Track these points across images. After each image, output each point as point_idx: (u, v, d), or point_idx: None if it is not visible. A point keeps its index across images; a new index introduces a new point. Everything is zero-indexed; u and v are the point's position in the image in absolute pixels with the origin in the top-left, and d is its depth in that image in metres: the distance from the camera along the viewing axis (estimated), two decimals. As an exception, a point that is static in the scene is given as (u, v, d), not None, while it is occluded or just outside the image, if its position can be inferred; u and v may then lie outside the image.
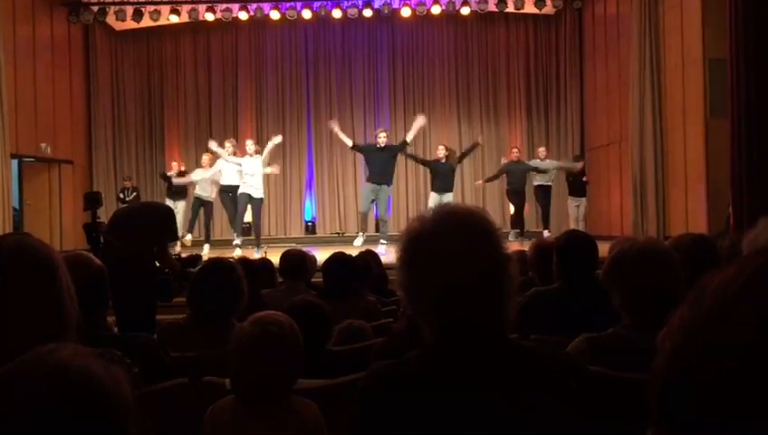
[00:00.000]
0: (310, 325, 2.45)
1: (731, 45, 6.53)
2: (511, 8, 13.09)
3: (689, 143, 10.10)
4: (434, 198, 10.81)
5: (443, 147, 11.34)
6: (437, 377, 1.27)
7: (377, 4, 13.03)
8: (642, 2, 10.90)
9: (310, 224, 14.73)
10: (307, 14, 13.15)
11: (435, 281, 1.28)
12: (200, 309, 3.04)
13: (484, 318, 1.29)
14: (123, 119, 14.50)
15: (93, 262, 2.50)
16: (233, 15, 13.09)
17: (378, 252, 6.55)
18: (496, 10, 13.22)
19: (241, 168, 10.35)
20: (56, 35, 12.69)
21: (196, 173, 11.37)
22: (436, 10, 13.02)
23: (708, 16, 9.35)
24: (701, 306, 0.69)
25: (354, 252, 5.26)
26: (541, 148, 12.71)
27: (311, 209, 14.85)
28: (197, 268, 3.44)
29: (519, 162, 12.05)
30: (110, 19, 13.19)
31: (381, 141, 10.34)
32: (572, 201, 12.20)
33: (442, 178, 10.90)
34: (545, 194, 12.23)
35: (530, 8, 13.16)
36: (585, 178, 12.18)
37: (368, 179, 10.54)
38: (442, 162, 11.04)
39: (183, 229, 10.66)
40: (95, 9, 12.80)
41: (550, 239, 5.69)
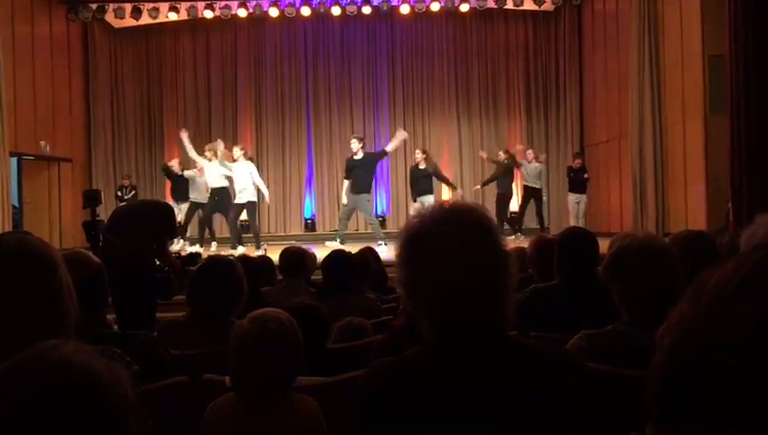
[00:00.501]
0: (308, 328, 2.45)
1: (730, 42, 6.52)
2: (510, 5, 13.08)
3: (689, 140, 10.10)
4: (414, 206, 10.91)
5: (419, 151, 11.44)
6: (437, 374, 1.28)
7: (375, 1, 13.00)
8: (641, -2, 10.91)
9: (309, 221, 14.73)
10: (306, 12, 13.13)
11: (434, 278, 1.28)
12: (200, 307, 3.04)
13: (483, 315, 1.29)
14: (122, 116, 14.49)
15: (92, 260, 2.50)
16: (231, 13, 13.08)
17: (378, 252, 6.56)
18: (495, 7, 13.21)
19: (231, 173, 10.43)
20: (55, 33, 12.67)
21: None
22: (435, 7, 13.00)
23: (708, 12, 9.34)
24: (700, 303, 0.69)
25: (352, 250, 5.26)
26: (530, 150, 12.70)
27: (310, 207, 14.84)
28: (197, 266, 3.44)
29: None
30: (109, 17, 13.17)
31: (355, 148, 10.46)
32: (572, 198, 12.20)
33: (414, 182, 11.06)
34: (527, 195, 12.20)
35: (529, 5, 13.14)
36: (586, 174, 12.18)
37: (349, 190, 10.55)
38: (420, 167, 11.10)
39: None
40: (94, 7, 12.78)
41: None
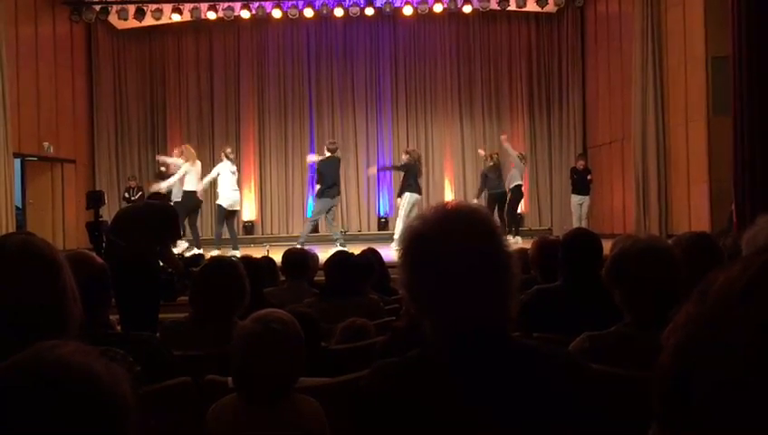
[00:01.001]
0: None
1: (733, 43, 6.51)
2: (513, 6, 13.08)
3: (692, 141, 10.08)
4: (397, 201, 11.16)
5: (405, 153, 11.46)
6: (439, 375, 1.27)
7: (378, 2, 13.00)
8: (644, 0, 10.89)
9: (311, 221, 14.72)
10: (309, 13, 13.13)
11: (437, 280, 1.28)
12: (203, 308, 3.04)
13: (486, 317, 1.29)
14: (126, 117, 14.50)
15: (96, 261, 2.50)
16: (234, 14, 13.09)
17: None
18: (498, 8, 13.19)
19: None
20: (58, 34, 12.68)
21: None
22: (438, 8, 12.99)
23: (710, 14, 9.34)
24: (706, 304, 0.69)
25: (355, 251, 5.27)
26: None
27: (312, 207, 14.81)
28: (200, 267, 3.44)
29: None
30: (113, 18, 13.19)
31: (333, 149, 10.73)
32: (576, 199, 12.19)
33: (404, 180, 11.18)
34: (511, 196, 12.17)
35: (532, 6, 13.14)
36: (590, 176, 12.18)
37: (325, 194, 10.67)
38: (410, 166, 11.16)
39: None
40: (97, 8, 12.79)
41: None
